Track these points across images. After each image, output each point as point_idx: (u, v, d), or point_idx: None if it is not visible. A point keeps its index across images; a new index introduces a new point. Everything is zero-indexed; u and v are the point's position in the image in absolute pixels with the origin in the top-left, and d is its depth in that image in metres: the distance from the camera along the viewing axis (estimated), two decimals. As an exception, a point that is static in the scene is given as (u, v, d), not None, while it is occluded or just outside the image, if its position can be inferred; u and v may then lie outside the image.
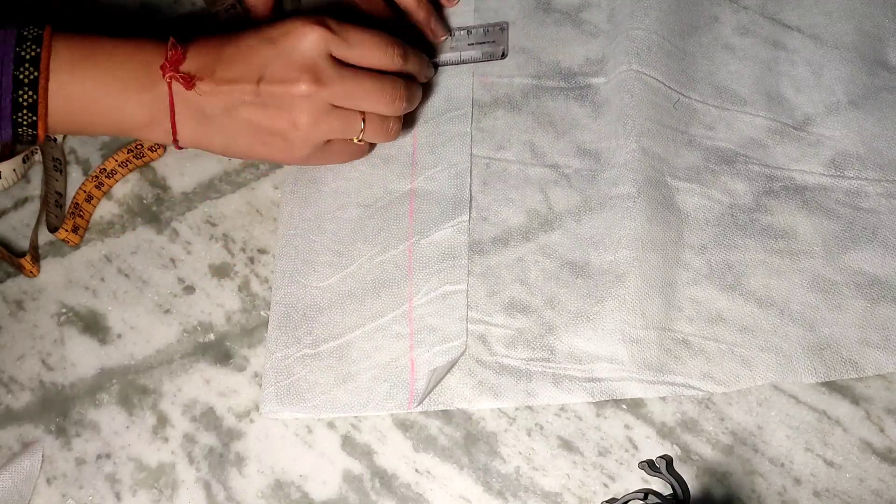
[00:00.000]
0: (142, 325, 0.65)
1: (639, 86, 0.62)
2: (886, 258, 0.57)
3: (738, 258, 0.58)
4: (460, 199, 0.63)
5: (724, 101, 0.63)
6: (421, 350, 0.59)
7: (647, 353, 0.56)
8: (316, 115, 0.60)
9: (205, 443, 0.61)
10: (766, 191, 0.60)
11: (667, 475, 0.48)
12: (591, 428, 0.57)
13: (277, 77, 0.59)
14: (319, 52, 0.59)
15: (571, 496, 0.56)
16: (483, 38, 0.68)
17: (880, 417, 0.54)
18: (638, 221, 0.59)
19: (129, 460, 0.61)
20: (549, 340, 0.58)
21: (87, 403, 0.63)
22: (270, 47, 0.59)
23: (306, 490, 0.59)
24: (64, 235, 0.66)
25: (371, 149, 0.66)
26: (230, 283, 0.65)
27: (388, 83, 0.61)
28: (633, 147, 0.61)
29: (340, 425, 0.60)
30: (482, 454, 0.58)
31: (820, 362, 0.55)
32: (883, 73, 0.62)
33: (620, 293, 0.58)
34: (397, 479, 0.58)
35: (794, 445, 0.55)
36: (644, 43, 0.63)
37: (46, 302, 0.66)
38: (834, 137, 0.60)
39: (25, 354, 0.65)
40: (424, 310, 0.61)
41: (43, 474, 0.62)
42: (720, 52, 0.64)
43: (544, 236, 0.61)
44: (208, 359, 0.63)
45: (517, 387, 0.58)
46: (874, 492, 0.53)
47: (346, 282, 0.63)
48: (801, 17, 0.64)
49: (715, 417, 0.56)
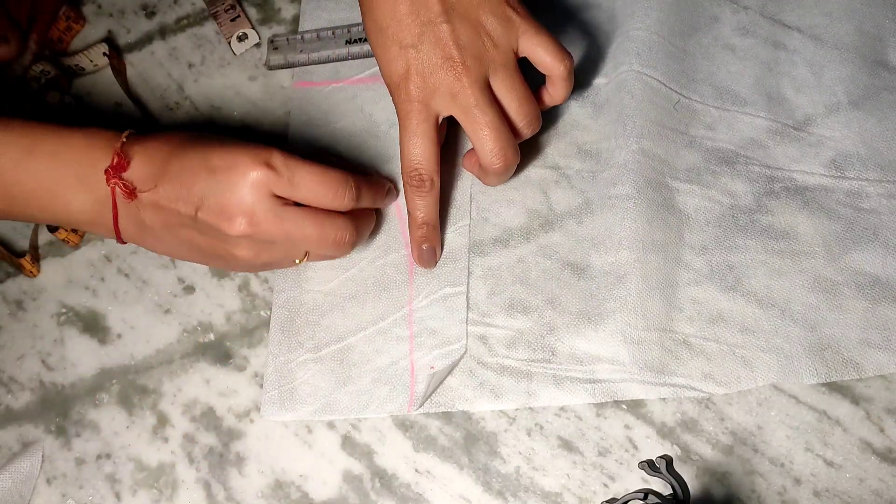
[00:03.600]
0: (142, 325, 0.65)
1: (639, 86, 0.62)
2: (887, 258, 0.57)
3: (739, 259, 0.58)
4: (461, 202, 0.63)
5: (725, 101, 0.63)
6: (421, 353, 0.59)
7: (647, 353, 0.56)
8: (254, 250, 0.58)
9: (205, 443, 0.61)
10: (767, 191, 0.60)
11: (667, 475, 0.48)
12: (591, 428, 0.57)
13: (214, 211, 0.56)
14: (260, 194, 0.56)
15: (571, 496, 0.56)
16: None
17: (880, 417, 0.54)
18: (639, 222, 0.59)
19: (129, 460, 0.61)
20: (550, 341, 0.58)
21: (87, 403, 0.63)
22: (210, 177, 0.56)
23: (306, 490, 0.59)
24: (64, 235, 0.66)
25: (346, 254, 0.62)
26: (230, 283, 0.65)
27: (331, 228, 0.58)
28: (633, 148, 0.61)
29: (340, 425, 0.60)
30: (482, 454, 0.58)
31: (821, 363, 0.55)
32: (883, 74, 0.62)
33: (621, 294, 0.58)
34: (397, 479, 0.58)
35: (794, 445, 0.55)
36: (645, 43, 0.63)
37: (46, 302, 0.66)
38: (834, 138, 0.60)
39: (25, 354, 0.65)
40: (425, 312, 0.61)
41: (43, 474, 0.62)
42: (720, 52, 0.64)
43: (545, 237, 0.61)
44: (208, 359, 0.63)
45: (518, 387, 0.58)
46: (874, 492, 0.53)
47: (347, 285, 0.63)
48: (802, 17, 0.64)
49: (715, 417, 0.56)
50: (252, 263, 0.59)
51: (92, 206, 0.59)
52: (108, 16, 0.75)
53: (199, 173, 0.57)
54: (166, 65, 0.72)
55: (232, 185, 0.56)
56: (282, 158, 0.56)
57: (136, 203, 0.58)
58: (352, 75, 0.69)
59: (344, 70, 0.69)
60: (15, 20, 0.69)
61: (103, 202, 0.59)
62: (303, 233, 0.58)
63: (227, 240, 0.57)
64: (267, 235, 0.57)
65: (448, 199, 0.63)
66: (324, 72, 0.70)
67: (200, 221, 0.57)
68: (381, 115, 0.67)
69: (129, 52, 0.73)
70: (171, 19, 0.74)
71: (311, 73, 0.70)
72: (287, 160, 0.57)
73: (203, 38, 0.73)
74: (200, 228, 0.57)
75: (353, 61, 0.69)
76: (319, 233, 0.58)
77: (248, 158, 0.56)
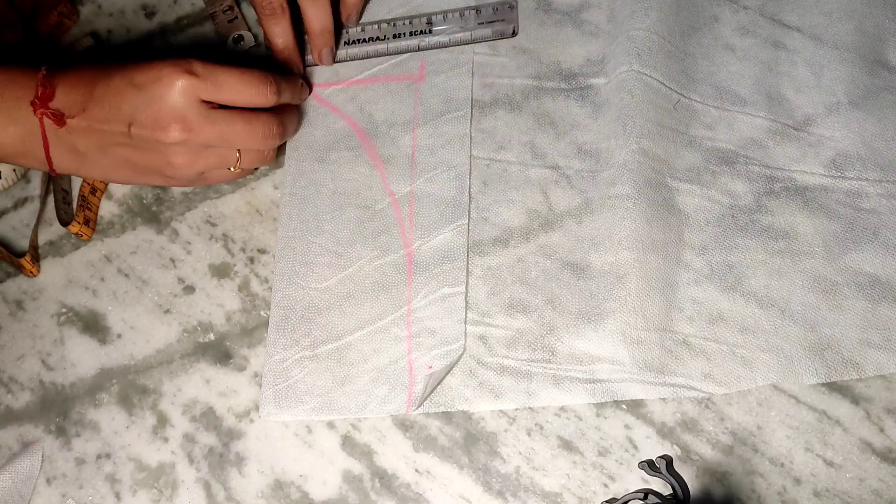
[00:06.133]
0: (142, 325, 0.65)
1: (639, 86, 0.62)
2: (887, 258, 0.57)
3: (739, 259, 0.58)
4: (460, 201, 0.63)
5: (725, 101, 0.63)
6: (420, 353, 0.59)
7: (647, 353, 0.56)
8: (190, 156, 0.61)
9: (205, 443, 0.61)
10: (767, 191, 0.60)
11: (667, 475, 0.48)
12: (591, 428, 0.57)
13: (148, 124, 0.59)
14: (188, 100, 0.59)
15: (571, 496, 0.56)
16: (493, 17, 0.68)
17: (880, 417, 0.54)
18: (638, 222, 0.59)
19: (129, 460, 0.61)
20: (550, 341, 0.58)
21: (87, 403, 0.63)
22: (138, 93, 0.59)
23: (306, 490, 0.59)
24: (77, 229, 0.66)
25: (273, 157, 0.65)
26: (230, 283, 0.65)
27: (260, 122, 0.61)
28: (633, 148, 0.61)
29: (340, 425, 0.60)
30: (482, 454, 0.58)
31: (821, 363, 0.55)
32: (883, 73, 0.62)
33: (621, 294, 0.58)
34: (397, 479, 0.58)
35: (794, 445, 0.55)
36: (644, 43, 0.63)
37: (46, 302, 0.66)
38: (834, 138, 0.60)
39: (25, 354, 0.65)
40: (423, 312, 0.61)
41: (43, 474, 0.62)
42: (720, 52, 0.64)
43: (545, 237, 0.61)
44: (208, 359, 0.63)
45: (518, 388, 0.58)
46: (874, 492, 0.53)
47: (344, 284, 0.63)
48: (802, 17, 0.64)
49: (715, 417, 0.56)
50: (189, 172, 0.61)
51: (22, 139, 0.61)
52: (108, 16, 0.75)
53: (125, 91, 0.59)
54: (166, 65, 0.72)
55: (160, 96, 0.58)
56: (202, 65, 0.59)
57: (66, 130, 0.60)
58: (351, 76, 0.69)
59: (343, 71, 0.69)
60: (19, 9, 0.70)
61: (33, 133, 0.60)
62: (233, 130, 0.60)
63: (163, 149, 0.60)
64: (201, 138, 0.59)
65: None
66: (323, 73, 0.70)
67: (135, 136, 0.59)
68: (381, 115, 0.67)
69: (129, 51, 0.73)
70: (171, 19, 0.74)
71: (311, 74, 0.70)
72: (207, 66, 0.59)
73: (203, 38, 0.73)
74: (135, 143, 0.60)
75: (353, 62, 0.70)
76: (249, 128, 0.61)
77: (170, 69, 0.59)
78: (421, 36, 0.69)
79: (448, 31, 0.68)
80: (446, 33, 0.68)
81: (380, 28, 0.70)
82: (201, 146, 0.60)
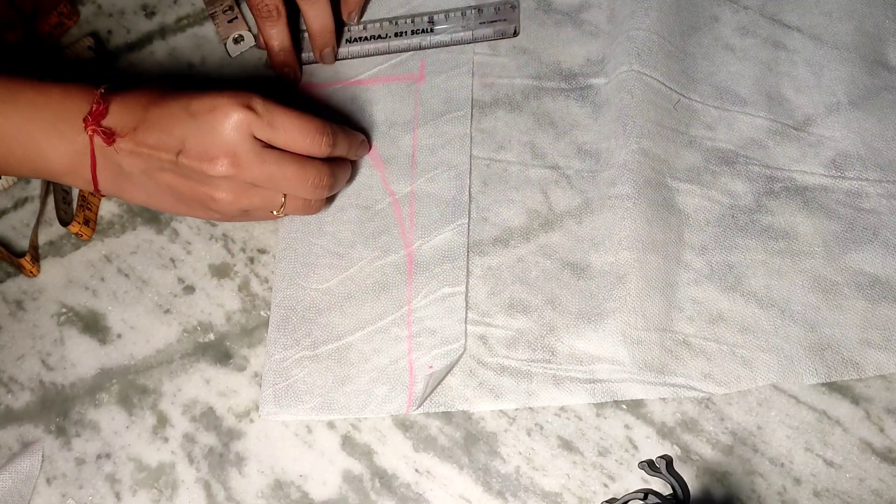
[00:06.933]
0: (142, 325, 0.65)
1: (639, 86, 0.62)
2: (887, 258, 0.57)
3: (739, 259, 0.58)
4: (460, 201, 0.63)
5: (725, 101, 0.63)
6: (420, 353, 0.59)
7: (647, 353, 0.56)
8: (235, 193, 0.59)
9: (205, 443, 0.61)
10: (767, 191, 0.60)
11: (667, 475, 0.48)
12: (591, 428, 0.57)
13: (196, 154, 0.57)
14: (241, 135, 0.57)
15: (571, 496, 0.56)
16: (494, 17, 0.68)
17: (880, 417, 0.54)
18: (638, 222, 0.59)
19: (129, 460, 0.61)
20: (550, 341, 0.58)
21: (87, 403, 0.63)
22: (191, 121, 0.57)
23: (306, 490, 0.59)
24: (77, 229, 0.66)
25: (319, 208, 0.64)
26: (230, 283, 0.65)
27: (312, 170, 0.60)
28: (633, 148, 0.61)
29: (340, 425, 0.60)
30: (482, 454, 0.58)
31: (821, 363, 0.55)
32: (883, 73, 0.62)
33: (621, 294, 0.58)
34: (397, 479, 0.58)
35: (794, 445, 0.55)
36: (644, 43, 0.63)
37: (46, 302, 0.66)
38: (834, 138, 0.60)
39: (25, 354, 0.65)
40: (423, 312, 0.61)
41: (43, 474, 0.62)
42: (720, 52, 0.64)
43: (545, 237, 0.61)
44: (208, 359, 0.63)
45: (518, 388, 0.58)
46: (874, 492, 0.53)
47: (345, 284, 0.63)
48: (801, 17, 0.64)
49: (715, 417, 0.56)
50: (232, 209, 0.60)
51: (70, 157, 0.60)
52: (107, 16, 0.75)
53: (179, 117, 0.57)
54: (166, 65, 0.72)
55: (214, 127, 0.57)
56: (262, 102, 0.58)
57: (114, 149, 0.59)
58: (352, 76, 0.69)
59: (344, 70, 0.70)
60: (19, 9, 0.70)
61: (81, 152, 0.59)
62: (283, 173, 0.58)
63: (208, 182, 0.58)
64: (248, 176, 0.58)
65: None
66: (324, 72, 0.70)
67: (182, 165, 0.57)
68: (381, 115, 0.67)
69: (129, 52, 0.73)
70: (171, 19, 0.74)
71: (311, 73, 0.70)
72: (267, 104, 0.58)
73: (203, 39, 0.73)
74: (181, 172, 0.58)
75: (353, 61, 0.70)
76: (300, 174, 0.59)
77: (229, 101, 0.57)
78: (423, 34, 0.69)
79: (450, 31, 0.68)
80: (448, 32, 0.68)
81: (381, 26, 0.70)
82: (248, 184, 0.59)
